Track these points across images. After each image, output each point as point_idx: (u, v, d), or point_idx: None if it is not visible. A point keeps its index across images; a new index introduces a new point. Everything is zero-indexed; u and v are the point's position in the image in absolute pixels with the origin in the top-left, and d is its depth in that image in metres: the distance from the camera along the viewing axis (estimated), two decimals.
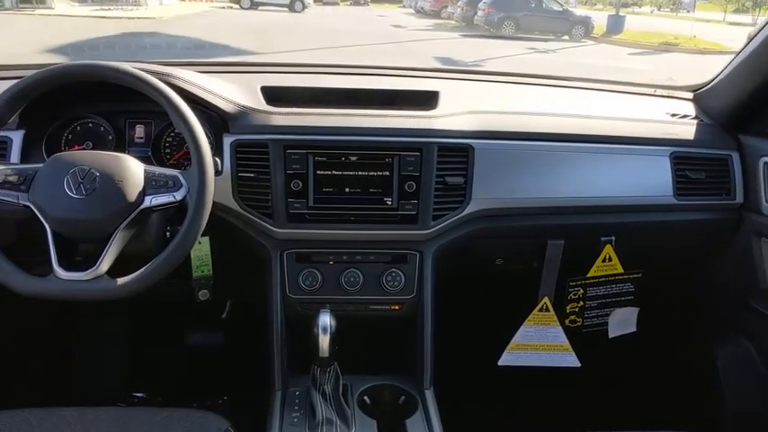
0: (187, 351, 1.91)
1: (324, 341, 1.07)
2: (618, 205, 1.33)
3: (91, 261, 0.98)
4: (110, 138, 1.31)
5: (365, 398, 1.18)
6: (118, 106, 1.31)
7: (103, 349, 1.87)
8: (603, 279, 1.41)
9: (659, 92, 1.63)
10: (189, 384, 1.82)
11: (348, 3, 30.42)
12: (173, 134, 1.33)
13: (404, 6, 28.74)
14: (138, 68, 1.06)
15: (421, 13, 23.66)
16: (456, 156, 1.24)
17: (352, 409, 1.13)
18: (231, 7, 22.30)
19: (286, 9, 21.03)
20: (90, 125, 1.31)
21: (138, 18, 16.37)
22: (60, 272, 0.97)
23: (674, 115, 1.46)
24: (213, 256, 1.27)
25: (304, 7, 21.42)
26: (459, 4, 17.76)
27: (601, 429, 1.23)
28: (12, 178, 1.01)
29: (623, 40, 14.30)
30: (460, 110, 1.31)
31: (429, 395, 1.18)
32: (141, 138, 1.33)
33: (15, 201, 1.00)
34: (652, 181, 1.33)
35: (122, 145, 1.32)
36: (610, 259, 1.38)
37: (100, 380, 1.84)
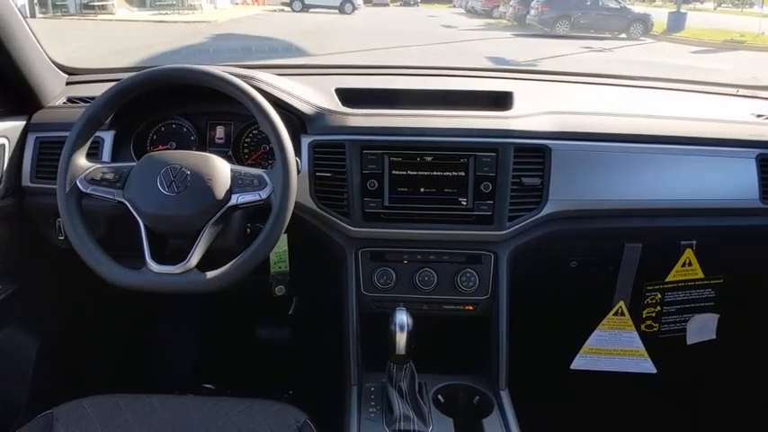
0: (254, 345, 1.96)
1: (401, 339, 1.08)
2: (700, 208, 1.29)
3: (179, 255, 1.02)
4: (192, 138, 1.37)
5: (439, 396, 1.18)
6: (200, 108, 1.36)
7: (176, 341, 1.95)
8: (683, 284, 1.36)
9: (742, 92, 1.57)
10: (256, 378, 1.87)
11: (398, 3, 30.50)
12: (251, 135, 1.37)
13: (454, 6, 28.59)
14: (226, 72, 1.10)
15: (472, 12, 23.47)
16: (533, 156, 1.23)
17: (428, 406, 1.13)
18: (282, 10, 22.74)
19: (336, 11, 21.27)
20: (173, 126, 1.37)
21: (195, 22, 16.88)
22: (153, 265, 1.01)
23: (759, 116, 1.41)
24: (289, 253, 1.31)
25: (354, 9, 21.61)
26: (511, 3, 17.54)
27: None
28: (108, 176, 1.07)
29: (685, 37, 13.74)
30: (536, 110, 1.30)
31: (505, 396, 1.18)
32: (221, 138, 1.38)
33: (111, 197, 1.05)
34: (737, 184, 1.29)
35: (204, 145, 1.37)
36: (690, 264, 1.33)
37: (172, 370, 1.91)
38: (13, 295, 1.31)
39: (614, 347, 1.38)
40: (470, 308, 1.25)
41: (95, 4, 17.61)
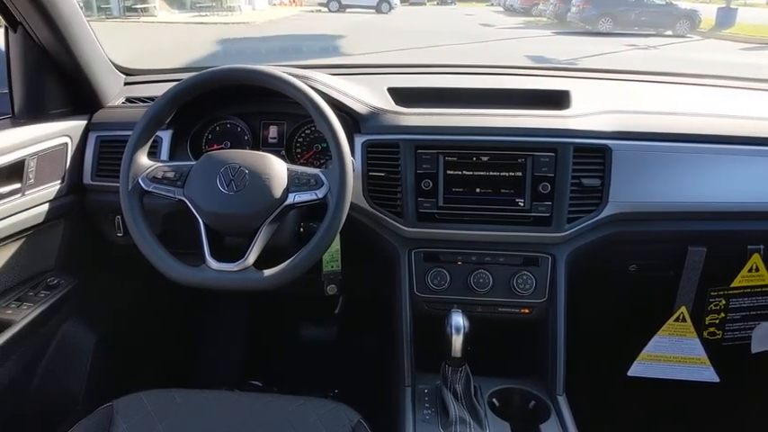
0: (300, 343, 1.97)
1: (457, 341, 1.07)
2: None
3: (235, 253, 1.03)
4: (246, 138, 1.38)
5: (494, 400, 1.16)
6: (253, 108, 1.38)
7: (224, 337, 1.98)
8: (749, 290, 1.31)
9: None
10: (301, 375, 1.88)
11: (434, 2, 30.41)
12: (304, 134, 1.38)
13: (492, 4, 28.37)
14: (286, 73, 1.10)
15: (510, 10, 23.26)
16: (592, 157, 1.19)
17: (484, 409, 1.11)
18: (319, 10, 22.96)
19: (373, 10, 21.36)
20: (228, 125, 1.39)
21: (234, 23, 17.18)
22: (212, 263, 1.02)
23: None
24: (341, 252, 1.30)
25: (390, 8, 21.66)
26: (551, 0, 17.26)
27: None
28: (169, 174, 1.08)
29: (734, 34, 13.27)
30: (596, 109, 1.27)
31: (562, 401, 1.15)
32: (274, 138, 1.39)
33: (172, 195, 1.06)
34: None
35: (257, 145, 1.38)
36: (757, 269, 1.28)
37: (220, 366, 1.94)
38: (73, 290, 1.35)
39: (674, 354, 1.34)
40: (526, 311, 1.23)
41: (138, 6, 18.11)
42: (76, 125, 1.35)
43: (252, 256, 1.02)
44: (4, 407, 1.18)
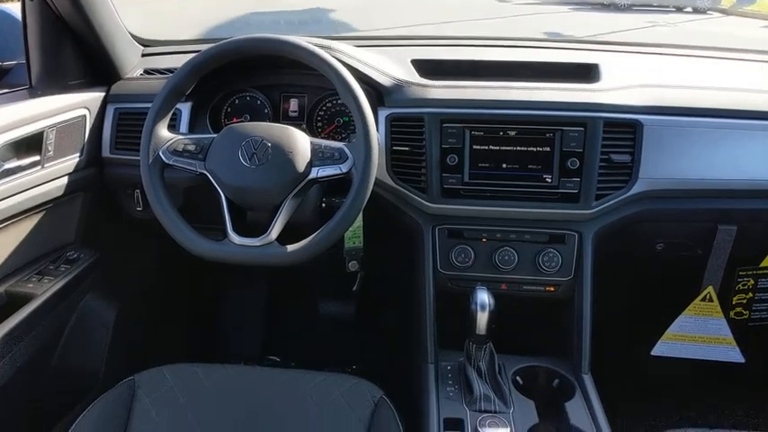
0: (317, 319, 1.97)
1: (482, 318, 1.05)
2: None
3: (257, 228, 1.01)
4: (266, 111, 1.36)
5: (518, 378, 1.15)
6: (273, 80, 1.35)
7: (243, 313, 1.98)
8: None
9: None
10: (318, 351, 1.88)
11: None
12: (325, 107, 1.35)
13: None
14: (311, 43, 1.07)
15: None
16: (623, 132, 1.16)
17: (508, 387, 1.10)
18: None
19: None
20: (248, 98, 1.36)
21: None
22: (235, 237, 1.00)
23: None
24: (363, 228, 1.29)
25: None
26: None
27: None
28: (190, 147, 1.06)
29: (757, 11, 12.91)
30: (627, 83, 1.23)
31: (587, 380, 1.13)
32: (295, 111, 1.36)
33: (194, 169, 1.05)
34: None
35: (277, 118, 1.36)
36: None
37: (239, 341, 1.95)
38: (92, 265, 1.34)
39: (700, 334, 1.32)
40: (551, 289, 1.21)
41: None
42: (94, 97, 1.33)
43: (275, 231, 1.00)
44: (27, 381, 1.19)
